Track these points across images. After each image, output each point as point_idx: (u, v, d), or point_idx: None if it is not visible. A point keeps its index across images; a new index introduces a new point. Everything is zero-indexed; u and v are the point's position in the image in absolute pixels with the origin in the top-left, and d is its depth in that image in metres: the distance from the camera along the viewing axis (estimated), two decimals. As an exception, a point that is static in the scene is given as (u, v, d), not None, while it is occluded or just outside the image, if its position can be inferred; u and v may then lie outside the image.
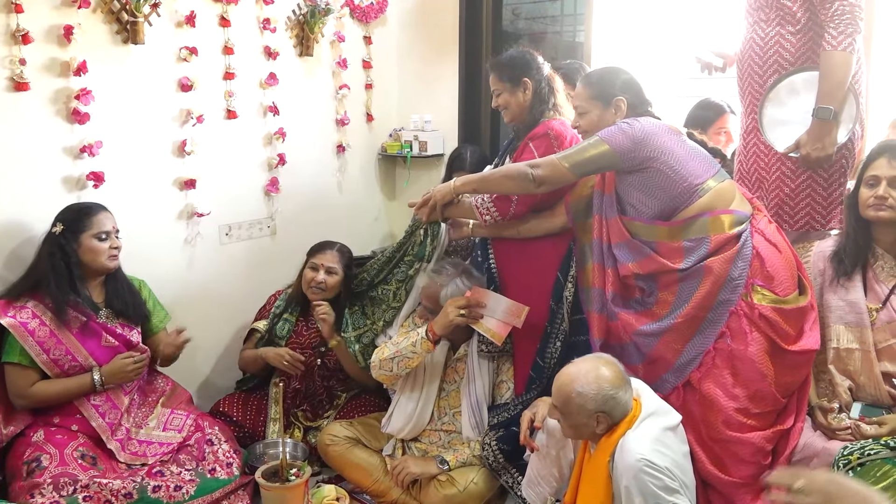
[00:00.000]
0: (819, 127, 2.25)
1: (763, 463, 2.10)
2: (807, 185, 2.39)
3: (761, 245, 2.14)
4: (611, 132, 2.16)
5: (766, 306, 2.09)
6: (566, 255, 2.48)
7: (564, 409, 1.96)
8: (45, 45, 2.42)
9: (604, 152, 2.15)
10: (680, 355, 2.17)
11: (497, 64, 2.53)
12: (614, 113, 2.26)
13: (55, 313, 2.27)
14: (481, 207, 2.45)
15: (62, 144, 2.51)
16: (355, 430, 2.69)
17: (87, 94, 2.50)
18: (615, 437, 1.93)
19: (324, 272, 2.84)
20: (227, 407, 2.85)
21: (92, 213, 2.38)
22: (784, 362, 2.11)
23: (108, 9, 2.55)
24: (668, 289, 2.18)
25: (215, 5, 2.89)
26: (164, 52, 2.75)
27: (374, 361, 2.54)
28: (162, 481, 2.24)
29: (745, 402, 2.10)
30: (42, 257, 2.33)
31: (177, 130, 2.83)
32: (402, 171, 3.83)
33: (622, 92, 2.26)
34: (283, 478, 2.25)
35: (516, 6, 3.74)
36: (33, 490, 2.08)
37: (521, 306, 2.38)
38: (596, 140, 2.17)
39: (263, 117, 3.16)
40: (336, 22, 3.39)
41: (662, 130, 2.18)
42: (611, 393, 1.91)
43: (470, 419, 2.53)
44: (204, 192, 2.95)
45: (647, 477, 1.85)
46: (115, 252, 2.42)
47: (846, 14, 2.19)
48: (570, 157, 2.19)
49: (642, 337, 2.21)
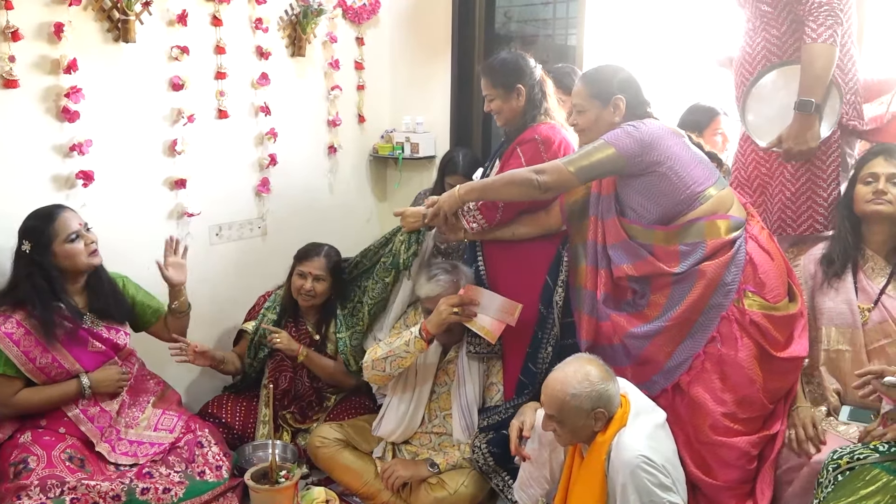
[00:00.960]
0: (800, 120, 2.25)
1: (748, 467, 2.12)
2: (807, 187, 2.39)
3: (755, 251, 2.15)
4: (616, 135, 2.15)
5: (757, 312, 2.10)
6: (555, 258, 2.48)
7: (561, 416, 1.96)
8: (36, 43, 2.39)
9: (610, 156, 2.14)
10: (670, 358, 2.17)
11: (489, 69, 2.48)
12: (612, 112, 2.24)
13: (43, 328, 2.22)
14: (468, 215, 2.43)
15: (51, 143, 2.49)
16: (345, 432, 2.68)
17: (77, 92, 2.48)
18: (608, 435, 1.94)
19: (311, 280, 2.84)
20: (215, 409, 2.84)
21: (53, 219, 2.28)
22: (773, 368, 2.12)
23: (100, 7, 2.53)
24: (661, 291, 2.19)
25: (207, 4, 2.88)
26: (155, 51, 2.73)
27: (367, 362, 2.54)
28: (151, 483, 2.23)
29: (732, 406, 2.11)
30: (20, 277, 2.26)
31: (167, 130, 2.82)
32: (393, 173, 3.82)
33: (621, 91, 2.24)
34: (273, 480, 2.24)
35: (508, 9, 3.75)
36: (20, 492, 2.05)
37: (515, 304, 2.38)
38: (601, 143, 2.15)
39: (255, 117, 3.15)
40: (328, 22, 3.38)
41: (667, 134, 2.19)
42: (603, 387, 1.94)
43: (460, 421, 2.53)
44: (194, 192, 2.94)
45: (644, 474, 1.86)
46: (93, 247, 2.34)
47: (824, 6, 2.19)
48: (575, 162, 2.17)
49: (633, 339, 2.22)
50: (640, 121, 2.20)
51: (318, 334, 2.92)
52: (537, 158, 2.35)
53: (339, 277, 2.90)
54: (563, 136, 2.45)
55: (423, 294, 2.53)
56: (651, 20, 3.17)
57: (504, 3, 3.70)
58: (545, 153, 2.37)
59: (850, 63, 2.35)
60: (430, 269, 2.55)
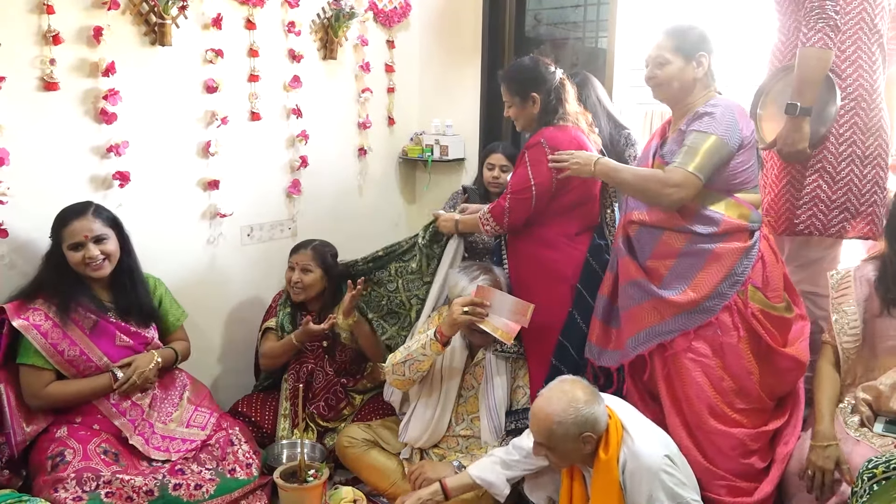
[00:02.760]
0: (789, 123, 2.30)
1: (743, 461, 2.15)
2: (812, 189, 2.40)
3: (766, 251, 2.21)
4: (706, 123, 2.10)
5: (756, 307, 2.15)
6: (585, 267, 2.51)
7: (550, 444, 1.99)
8: (75, 46, 2.45)
9: (715, 143, 2.09)
10: (661, 322, 2.19)
11: (507, 77, 2.55)
12: (695, 68, 2.18)
13: (60, 311, 2.27)
14: (483, 217, 2.53)
15: (90, 144, 2.54)
16: (373, 432, 2.70)
17: (114, 94, 2.53)
18: (612, 453, 1.96)
19: (299, 271, 2.87)
20: (245, 407, 2.87)
21: (66, 223, 2.30)
22: (769, 362, 2.16)
23: (137, 11, 2.58)
24: (663, 259, 2.20)
25: (241, 8, 2.92)
26: (190, 54, 2.77)
27: (388, 367, 2.55)
28: (183, 479, 2.26)
29: (730, 395, 2.15)
30: (49, 266, 2.33)
31: (201, 131, 2.86)
32: (422, 175, 3.84)
33: (705, 47, 2.19)
34: (302, 479, 2.26)
35: (538, 12, 3.74)
36: (57, 484, 2.10)
37: (527, 304, 2.37)
38: (698, 135, 2.10)
39: (287, 120, 3.18)
40: (359, 26, 3.41)
41: (745, 114, 2.21)
42: (588, 411, 1.96)
43: (489, 423, 2.53)
44: (227, 193, 2.98)
45: (667, 476, 1.90)
46: (94, 263, 2.30)
47: (815, 9, 2.22)
48: (697, 165, 2.09)
49: (634, 287, 2.24)
50: (715, 102, 2.16)
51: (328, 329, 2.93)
52: (542, 161, 2.40)
53: (331, 269, 2.90)
54: (575, 135, 2.47)
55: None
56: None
57: (534, 5, 3.70)
58: (551, 153, 2.40)
59: (876, 70, 2.34)
60: (468, 270, 2.55)
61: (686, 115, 2.21)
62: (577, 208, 2.51)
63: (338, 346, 2.92)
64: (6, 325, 2.24)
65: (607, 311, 2.37)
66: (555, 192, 2.44)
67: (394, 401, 2.79)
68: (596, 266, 2.51)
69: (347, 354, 2.94)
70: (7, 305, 2.25)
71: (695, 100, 2.21)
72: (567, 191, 2.45)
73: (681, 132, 2.18)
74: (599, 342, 2.38)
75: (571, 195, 2.47)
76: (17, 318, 2.23)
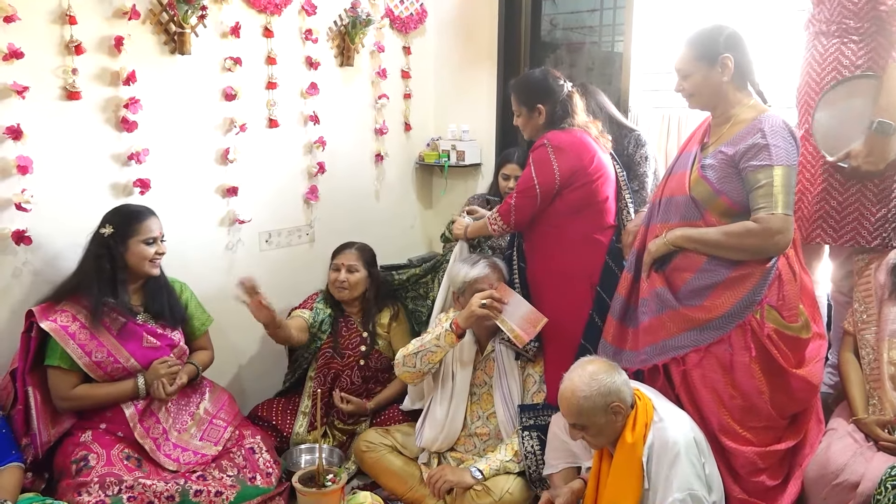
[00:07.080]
0: (875, 141, 2.22)
1: (752, 479, 2.13)
2: (856, 199, 2.36)
3: (784, 269, 2.15)
4: (771, 153, 2.02)
5: (771, 326, 2.11)
6: (604, 269, 2.51)
7: (582, 421, 2.04)
8: (97, 56, 2.48)
9: (787, 172, 2.03)
10: (672, 338, 2.18)
11: (515, 87, 2.62)
12: (720, 71, 2.13)
13: (91, 313, 2.30)
14: (491, 218, 2.60)
15: (111, 152, 2.57)
16: (391, 437, 2.71)
17: (135, 102, 2.57)
18: (638, 433, 1.99)
19: (345, 271, 2.93)
20: (265, 412, 2.89)
21: (142, 219, 2.41)
22: (780, 382, 2.13)
23: (157, 20, 2.61)
24: (687, 267, 2.18)
25: (259, 17, 2.95)
26: (209, 63, 2.81)
27: (399, 359, 2.58)
28: (204, 486, 2.28)
29: (740, 413, 2.13)
30: (89, 257, 2.36)
31: (220, 139, 2.89)
32: (438, 181, 3.85)
33: (727, 49, 2.13)
34: (320, 483, 2.27)
35: (554, 16, 3.74)
36: (80, 488, 2.12)
37: (540, 317, 2.41)
38: (767, 169, 2.02)
39: (304, 126, 3.21)
40: (376, 32, 3.43)
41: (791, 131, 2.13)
42: (609, 380, 2.02)
43: (504, 413, 2.56)
44: (245, 200, 3.01)
45: (687, 461, 1.93)
46: (158, 258, 2.45)
47: None
48: (785, 204, 2.03)
49: (654, 298, 2.23)
50: (760, 126, 2.07)
51: (367, 331, 2.97)
52: (546, 162, 2.44)
53: (374, 270, 3.00)
54: (580, 137, 2.50)
55: (472, 276, 2.55)
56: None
57: (550, 10, 3.70)
58: (554, 154, 2.44)
59: None
60: (469, 259, 2.64)
61: (727, 122, 2.15)
62: (588, 209, 2.52)
63: (374, 352, 2.96)
64: (34, 329, 2.27)
65: (623, 309, 2.36)
66: (559, 190, 2.47)
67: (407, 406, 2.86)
68: (614, 267, 2.51)
69: (382, 362, 2.98)
70: (35, 308, 2.29)
71: (731, 103, 2.16)
72: (572, 189, 2.47)
73: (726, 156, 2.11)
74: (615, 341, 2.37)
75: (577, 193, 2.48)
76: (45, 321, 2.26)
